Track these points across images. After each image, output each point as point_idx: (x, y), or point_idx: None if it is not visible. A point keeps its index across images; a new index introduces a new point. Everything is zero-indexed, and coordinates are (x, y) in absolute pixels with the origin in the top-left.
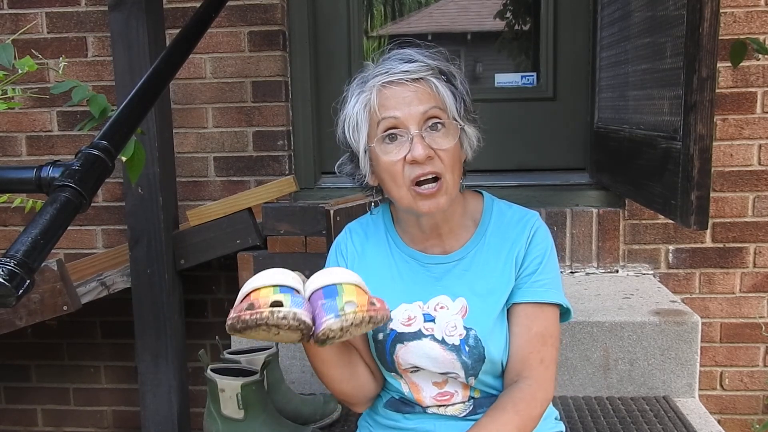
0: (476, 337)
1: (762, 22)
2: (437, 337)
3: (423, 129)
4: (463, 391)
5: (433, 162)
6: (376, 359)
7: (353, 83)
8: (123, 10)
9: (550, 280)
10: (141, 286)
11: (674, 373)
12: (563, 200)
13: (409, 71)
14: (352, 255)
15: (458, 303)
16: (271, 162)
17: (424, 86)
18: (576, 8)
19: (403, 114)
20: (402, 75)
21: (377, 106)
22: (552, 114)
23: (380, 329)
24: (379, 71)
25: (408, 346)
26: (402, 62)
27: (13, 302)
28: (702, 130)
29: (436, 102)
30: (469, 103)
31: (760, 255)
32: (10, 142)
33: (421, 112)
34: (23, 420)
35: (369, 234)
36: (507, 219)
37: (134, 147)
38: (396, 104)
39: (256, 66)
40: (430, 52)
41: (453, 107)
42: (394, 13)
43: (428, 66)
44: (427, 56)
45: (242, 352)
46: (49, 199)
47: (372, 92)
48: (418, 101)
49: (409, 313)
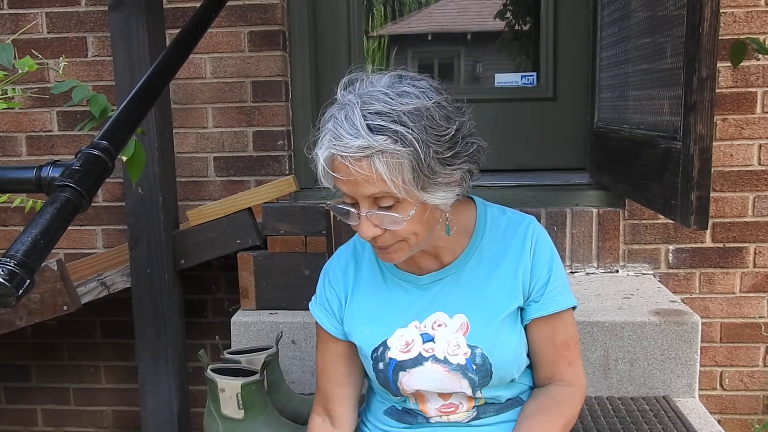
0: (483, 355)
1: (762, 22)
2: (439, 357)
3: (373, 207)
4: (468, 403)
5: (384, 236)
6: (379, 386)
7: (325, 121)
8: (123, 10)
9: (561, 285)
10: (141, 286)
11: (674, 373)
12: (563, 200)
13: (353, 148)
14: (342, 280)
15: (457, 320)
16: (271, 162)
17: (371, 168)
18: (576, 8)
19: (351, 193)
20: (347, 151)
21: (332, 174)
22: (552, 114)
23: (379, 359)
24: (332, 133)
25: (411, 373)
26: (348, 133)
27: (13, 302)
28: (702, 130)
29: (383, 187)
30: (445, 149)
31: (760, 255)
32: (10, 142)
33: (368, 195)
34: (23, 420)
35: (358, 257)
36: (503, 227)
37: (134, 147)
38: (346, 182)
39: (256, 66)
40: (387, 109)
41: (409, 180)
42: (394, 13)
43: (372, 147)
44: (375, 127)
45: (242, 352)
46: (49, 199)
47: (327, 158)
48: (365, 183)
49: (406, 338)
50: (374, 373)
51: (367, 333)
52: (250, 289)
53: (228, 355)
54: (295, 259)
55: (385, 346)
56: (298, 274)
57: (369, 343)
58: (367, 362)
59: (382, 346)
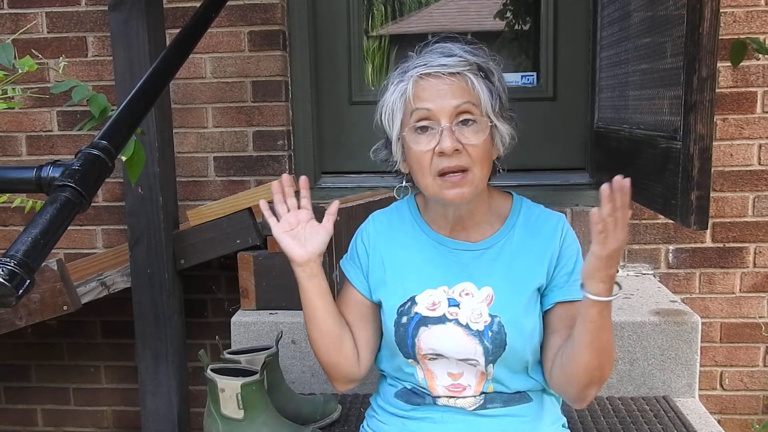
0: (500, 323)
1: (762, 22)
2: (461, 322)
3: (454, 123)
4: (476, 385)
5: (460, 156)
6: (395, 345)
7: (394, 72)
8: (123, 10)
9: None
10: (141, 286)
11: (674, 373)
12: (563, 200)
13: (447, 65)
14: (375, 240)
15: (484, 291)
16: (271, 162)
17: (460, 81)
18: (576, 8)
19: (435, 106)
20: (439, 68)
21: (412, 97)
22: (552, 114)
23: (405, 313)
24: (419, 63)
25: (432, 330)
26: (441, 56)
27: (13, 302)
28: (702, 130)
29: (470, 97)
30: (506, 101)
31: (760, 255)
32: (10, 142)
33: (454, 106)
34: (23, 420)
35: (393, 222)
36: (535, 216)
37: (134, 147)
38: (430, 96)
39: (256, 66)
40: (471, 48)
41: (487, 103)
42: (394, 13)
43: (467, 61)
44: (466, 51)
45: (242, 352)
46: (49, 199)
47: (409, 82)
48: (452, 95)
49: (434, 298)
50: (394, 328)
51: (398, 289)
52: (250, 289)
53: (228, 355)
54: None
55: (413, 301)
56: None
57: (399, 297)
58: (389, 317)
59: (410, 301)
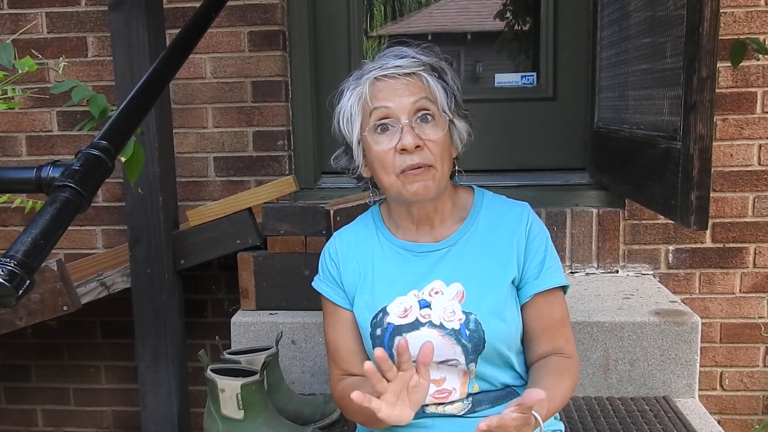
0: (476, 321)
1: (762, 22)
2: (435, 322)
3: (413, 120)
4: (461, 387)
5: (422, 152)
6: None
7: (349, 78)
8: (123, 10)
9: (556, 265)
10: (141, 286)
11: (674, 373)
12: (563, 200)
13: (401, 66)
14: (343, 255)
15: (453, 288)
16: (271, 162)
17: (416, 80)
18: (576, 8)
19: (394, 104)
20: (394, 69)
21: (370, 98)
22: (552, 114)
23: (378, 325)
24: (374, 66)
25: (406, 338)
26: (395, 58)
27: (13, 302)
28: (702, 130)
29: (426, 94)
30: (460, 99)
31: (760, 255)
32: (10, 142)
33: (411, 103)
34: (23, 420)
35: (359, 234)
36: (498, 206)
37: (134, 147)
38: (388, 96)
39: (256, 66)
40: (422, 49)
41: (443, 101)
42: (394, 13)
43: (420, 61)
44: (419, 53)
45: (242, 352)
46: (49, 199)
47: (365, 85)
48: (408, 93)
49: (405, 305)
50: (371, 341)
51: (368, 300)
52: (250, 289)
53: (228, 355)
54: (295, 259)
55: (384, 312)
56: (298, 274)
57: (369, 310)
58: (365, 331)
59: (382, 312)
